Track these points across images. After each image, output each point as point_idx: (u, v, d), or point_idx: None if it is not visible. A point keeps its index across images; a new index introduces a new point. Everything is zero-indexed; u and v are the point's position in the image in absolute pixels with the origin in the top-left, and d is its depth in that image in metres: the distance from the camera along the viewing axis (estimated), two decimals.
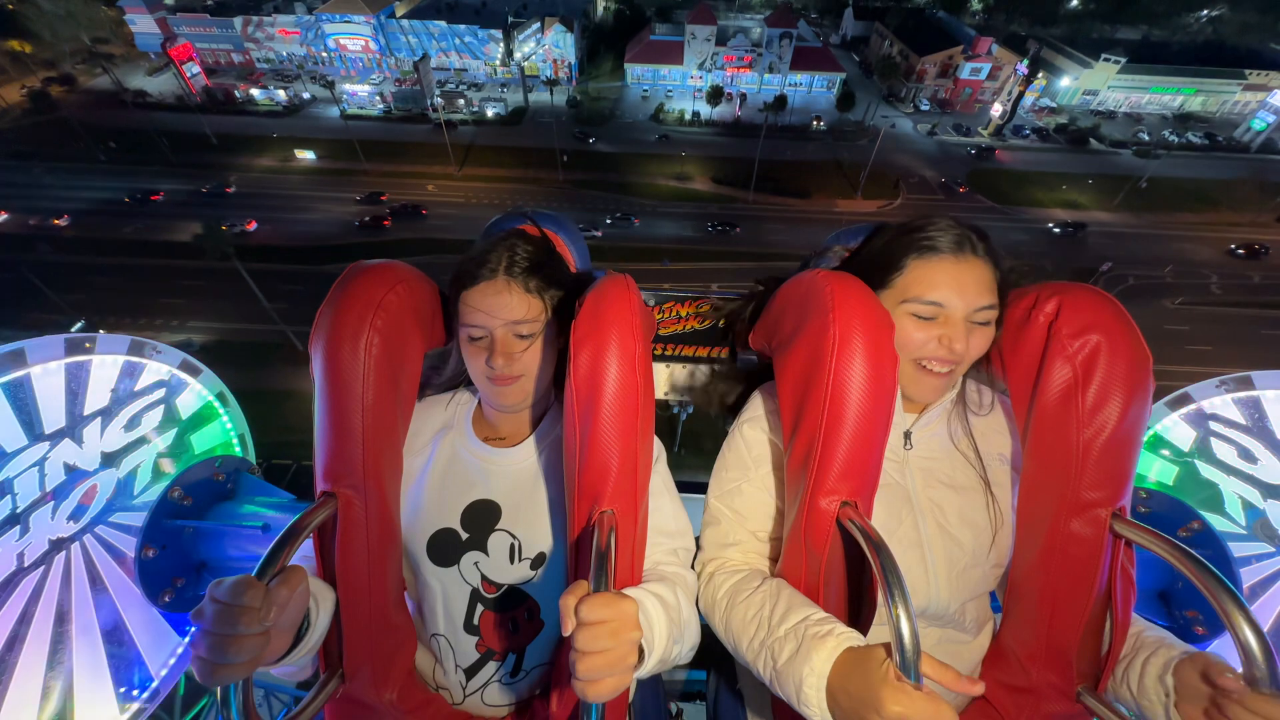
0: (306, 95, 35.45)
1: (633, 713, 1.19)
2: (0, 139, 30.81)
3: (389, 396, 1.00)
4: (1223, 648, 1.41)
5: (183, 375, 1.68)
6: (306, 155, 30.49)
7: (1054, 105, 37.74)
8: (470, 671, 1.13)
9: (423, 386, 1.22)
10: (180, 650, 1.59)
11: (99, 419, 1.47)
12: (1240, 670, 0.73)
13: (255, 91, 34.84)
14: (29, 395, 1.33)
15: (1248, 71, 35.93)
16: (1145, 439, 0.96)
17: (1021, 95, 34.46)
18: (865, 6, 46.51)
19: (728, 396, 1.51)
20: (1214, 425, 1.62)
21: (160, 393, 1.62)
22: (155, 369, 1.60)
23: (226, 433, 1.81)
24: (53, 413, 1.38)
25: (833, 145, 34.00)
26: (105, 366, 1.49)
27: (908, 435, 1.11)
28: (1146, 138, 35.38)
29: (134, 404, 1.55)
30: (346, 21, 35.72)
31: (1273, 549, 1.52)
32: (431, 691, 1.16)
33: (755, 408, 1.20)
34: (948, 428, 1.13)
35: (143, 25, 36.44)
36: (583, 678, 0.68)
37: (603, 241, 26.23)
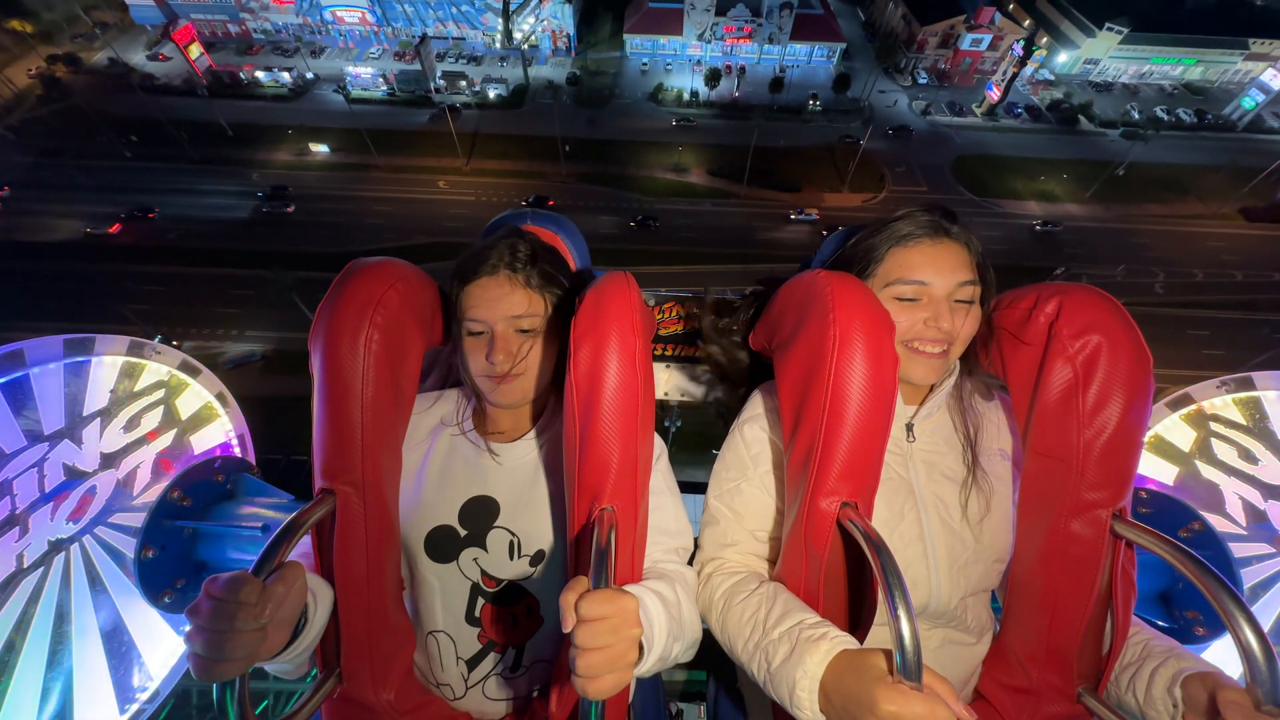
0: (310, 75, 35.14)
1: (633, 713, 1.18)
2: (26, 133, 31.36)
3: (388, 393, 1.00)
4: (1223, 648, 1.42)
5: (182, 376, 1.67)
6: (320, 149, 31.18)
7: (1052, 78, 36.52)
8: (472, 663, 1.13)
9: (422, 383, 1.20)
10: (180, 651, 1.59)
11: (98, 420, 1.46)
12: (1243, 683, 0.73)
13: (260, 74, 34.76)
14: (28, 396, 1.32)
15: (1252, 41, 35.54)
16: (1145, 439, 0.97)
17: (1016, 76, 33.68)
18: None
19: (727, 397, 1.50)
20: (1214, 426, 1.61)
21: (159, 393, 1.61)
22: (155, 369, 1.60)
23: (226, 433, 1.80)
24: (52, 413, 1.37)
25: (826, 128, 34.54)
26: (104, 367, 1.48)
27: (910, 428, 1.10)
28: (1137, 115, 34.55)
29: (133, 404, 1.54)
30: None
31: (1273, 550, 1.51)
32: (430, 692, 1.16)
33: (755, 406, 1.19)
34: (949, 420, 1.13)
35: None
36: (583, 674, 0.68)
37: None
